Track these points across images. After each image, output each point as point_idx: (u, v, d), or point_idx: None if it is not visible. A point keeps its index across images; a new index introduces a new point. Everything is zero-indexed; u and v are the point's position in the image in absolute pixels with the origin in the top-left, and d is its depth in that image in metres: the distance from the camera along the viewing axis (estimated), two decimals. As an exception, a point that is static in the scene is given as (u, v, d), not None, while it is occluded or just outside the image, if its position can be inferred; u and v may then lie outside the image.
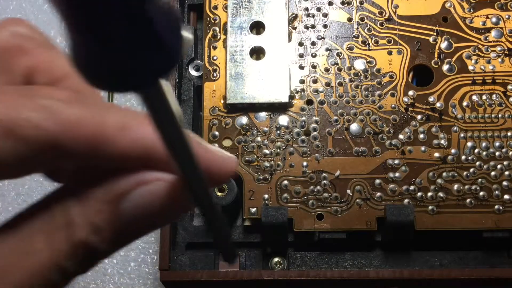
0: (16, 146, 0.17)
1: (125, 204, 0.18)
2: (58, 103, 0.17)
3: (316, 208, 0.31)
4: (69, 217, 0.18)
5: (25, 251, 0.18)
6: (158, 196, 0.18)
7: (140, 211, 0.18)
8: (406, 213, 0.30)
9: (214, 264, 0.31)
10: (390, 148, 0.32)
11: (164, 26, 0.13)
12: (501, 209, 0.31)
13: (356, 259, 0.31)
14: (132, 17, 0.13)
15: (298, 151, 0.32)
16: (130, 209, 0.18)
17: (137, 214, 0.18)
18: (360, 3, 0.35)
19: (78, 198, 0.18)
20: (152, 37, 0.13)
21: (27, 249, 0.18)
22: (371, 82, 0.33)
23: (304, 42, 0.34)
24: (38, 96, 0.17)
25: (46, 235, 0.18)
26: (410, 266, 0.31)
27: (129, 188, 0.18)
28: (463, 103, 0.33)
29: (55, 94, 0.18)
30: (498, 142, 0.32)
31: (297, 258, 0.31)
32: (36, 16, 0.42)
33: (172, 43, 0.14)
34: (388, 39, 0.34)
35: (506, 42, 0.34)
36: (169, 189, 0.18)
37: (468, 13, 0.35)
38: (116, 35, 0.13)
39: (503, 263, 0.31)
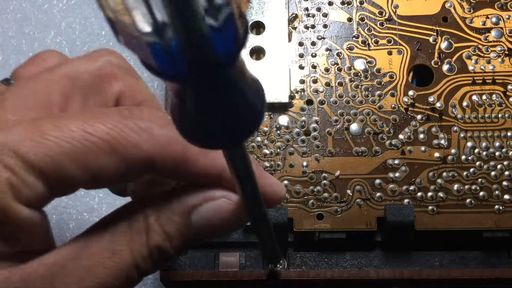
0: (117, 163, 0.19)
1: (194, 216, 0.21)
2: (153, 125, 0.20)
3: (316, 208, 0.31)
4: (148, 224, 0.20)
5: (110, 252, 0.20)
6: (223, 211, 0.21)
7: (206, 223, 0.21)
8: (406, 213, 0.30)
9: (214, 264, 0.31)
10: (390, 148, 0.32)
11: (254, 97, 0.16)
12: (501, 209, 0.31)
13: (356, 259, 0.31)
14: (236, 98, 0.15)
15: (298, 151, 0.32)
16: (198, 220, 0.21)
17: (203, 225, 0.21)
18: (360, 3, 0.35)
19: (156, 208, 0.21)
20: (249, 110, 0.16)
21: (112, 249, 0.20)
22: (371, 82, 0.33)
23: (304, 42, 0.34)
24: (137, 118, 0.20)
25: (128, 239, 0.20)
26: (410, 266, 0.31)
27: (199, 202, 0.21)
28: (463, 103, 0.33)
29: (152, 116, 0.20)
30: (498, 142, 0.32)
31: (297, 258, 0.31)
32: (36, 16, 0.42)
33: (260, 110, 0.16)
34: (388, 39, 0.34)
35: (506, 42, 0.34)
36: (232, 206, 0.21)
37: (468, 13, 0.35)
38: (222, 116, 0.16)
39: (503, 263, 0.31)
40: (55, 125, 0.19)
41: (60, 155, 0.19)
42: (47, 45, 0.42)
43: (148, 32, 0.13)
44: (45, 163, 0.18)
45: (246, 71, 0.16)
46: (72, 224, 0.37)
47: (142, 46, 0.13)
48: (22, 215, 0.19)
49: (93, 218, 0.38)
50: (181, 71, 0.13)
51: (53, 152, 0.19)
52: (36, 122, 0.19)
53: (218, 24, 0.13)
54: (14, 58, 0.42)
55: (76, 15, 0.42)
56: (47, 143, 0.19)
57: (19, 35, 0.42)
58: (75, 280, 0.19)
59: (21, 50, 0.42)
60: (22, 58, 0.42)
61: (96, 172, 0.19)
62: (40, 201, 0.19)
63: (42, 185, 0.19)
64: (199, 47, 0.13)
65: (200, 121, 0.16)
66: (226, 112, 0.16)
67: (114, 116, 0.20)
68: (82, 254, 0.20)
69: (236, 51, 0.14)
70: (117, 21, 0.13)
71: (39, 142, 0.18)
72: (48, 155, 0.18)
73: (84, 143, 0.19)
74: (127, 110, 0.20)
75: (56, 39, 0.42)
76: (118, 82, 0.23)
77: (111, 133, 0.19)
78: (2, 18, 0.42)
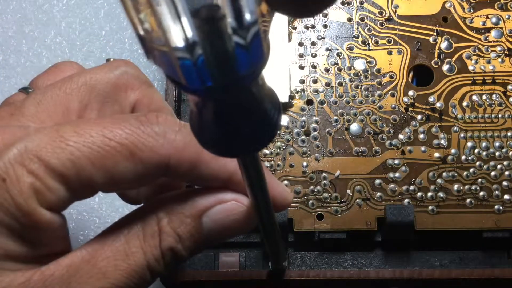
0: (135, 166, 0.20)
1: (205, 218, 0.22)
2: (169, 129, 0.21)
3: (316, 208, 0.31)
4: (160, 226, 0.21)
5: (124, 254, 0.20)
6: (233, 213, 0.22)
7: (217, 225, 0.22)
8: (406, 213, 0.30)
9: (214, 264, 0.31)
10: (390, 148, 0.32)
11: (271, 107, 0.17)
12: (501, 209, 0.31)
13: (356, 259, 0.31)
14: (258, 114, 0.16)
15: (298, 151, 0.32)
16: (209, 222, 0.22)
17: (214, 227, 0.22)
18: (360, 3, 0.35)
19: (168, 210, 0.21)
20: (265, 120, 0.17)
21: (126, 252, 0.21)
22: (371, 82, 0.33)
23: (304, 42, 0.34)
24: (153, 123, 0.21)
25: (141, 241, 0.21)
26: (410, 266, 0.31)
27: (209, 205, 0.22)
28: (463, 103, 0.33)
29: (167, 121, 0.21)
30: (498, 142, 0.32)
31: (297, 258, 0.31)
32: (36, 16, 0.42)
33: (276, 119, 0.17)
34: (388, 39, 0.34)
35: (506, 42, 0.34)
36: (242, 209, 0.22)
37: (468, 13, 0.35)
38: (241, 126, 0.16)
39: (503, 263, 0.31)
40: (76, 130, 0.20)
41: (81, 160, 0.19)
42: (47, 45, 0.42)
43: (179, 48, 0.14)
44: (66, 167, 0.19)
45: (264, 83, 0.16)
46: (72, 224, 0.37)
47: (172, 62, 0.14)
48: (45, 219, 0.19)
49: (93, 218, 0.38)
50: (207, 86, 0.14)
51: (74, 156, 0.19)
52: (57, 128, 0.20)
53: (245, 43, 0.14)
54: (14, 58, 0.42)
55: (76, 15, 0.42)
56: (69, 148, 0.19)
57: (19, 35, 0.42)
58: (90, 281, 0.20)
59: (21, 50, 0.42)
60: (22, 58, 0.42)
61: (115, 175, 0.20)
62: (62, 205, 0.20)
63: (64, 189, 0.19)
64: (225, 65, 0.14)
65: (219, 131, 0.17)
66: (244, 123, 0.16)
67: (131, 121, 0.20)
68: (97, 256, 0.20)
69: (260, 68, 0.15)
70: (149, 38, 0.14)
71: (61, 148, 0.19)
72: (70, 159, 0.19)
73: (104, 148, 0.20)
74: (143, 116, 0.21)
75: (56, 39, 0.42)
76: (134, 92, 0.24)
77: (129, 138, 0.20)
78: (2, 18, 0.42)
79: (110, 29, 0.42)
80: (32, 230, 0.19)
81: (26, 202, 0.19)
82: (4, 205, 0.19)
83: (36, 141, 0.19)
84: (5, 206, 0.19)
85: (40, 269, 0.20)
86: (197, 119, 0.17)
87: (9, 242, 0.19)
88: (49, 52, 0.42)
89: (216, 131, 0.17)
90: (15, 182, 0.19)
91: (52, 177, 0.19)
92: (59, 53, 0.42)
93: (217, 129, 0.17)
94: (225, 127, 0.17)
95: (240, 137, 0.17)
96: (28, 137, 0.19)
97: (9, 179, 0.19)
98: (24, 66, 0.41)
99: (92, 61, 0.41)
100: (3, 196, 0.19)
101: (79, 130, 0.20)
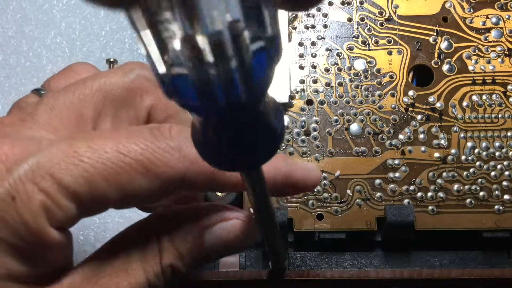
0: (150, 182, 0.20)
1: (207, 235, 0.21)
2: (183, 143, 0.20)
3: (316, 208, 0.31)
4: (161, 244, 0.21)
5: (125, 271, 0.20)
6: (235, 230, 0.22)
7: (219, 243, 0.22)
8: (406, 213, 0.30)
9: (214, 264, 0.31)
10: (390, 148, 0.32)
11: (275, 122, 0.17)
12: (501, 209, 0.31)
13: (356, 259, 0.31)
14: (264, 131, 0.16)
15: (298, 151, 0.32)
16: (211, 240, 0.21)
17: (217, 245, 0.22)
18: (360, 3, 0.35)
19: (169, 227, 0.21)
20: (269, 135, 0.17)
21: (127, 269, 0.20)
22: (371, 82, 0.33)
23: (304, 42, 0.34)
24: (167, 137, 0.20)
25: (142, 259, 0.21)
26: (410, 266, 0.31)
27: (212, 223, 0.21)
28: (463, 103, 0.33)
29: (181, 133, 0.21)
30: (498, 142, 0.32)
31: (297, 258, 0.31)
32: (36, 16, 0.42)
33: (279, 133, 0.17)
34: (388, 39, 0.34)
35: (506, 42, 0.34)
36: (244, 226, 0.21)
37: (468, 13, 0.35)
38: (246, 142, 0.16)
39: (503, 263, 0.31)
40: (90, 145, 0.19)
41: (94, 177, 0.19)
42: (47, 45, 0.42)
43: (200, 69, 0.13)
44: (79, 185, 0.19)
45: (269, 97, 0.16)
46: (72, 225, 0.37)
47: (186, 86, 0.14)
48: (53, 238, 0.19)
49: (93, 218, 0.38)
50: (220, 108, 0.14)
51: (87, 173, 0.19)
52: (71, 142, 0.19)
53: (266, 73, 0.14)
54: (14, 58, 0.42)
55: (76, 15, 0.42)
56: (82, 164, 0.19)
57: (19, 35, 0.42)
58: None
59: (21, 50, 0.42)
60: (22, 58, 0.42)
61: (129, 192, 0.19)
62: (71, 222, 0.19)
63: (75, 207, 0.19)
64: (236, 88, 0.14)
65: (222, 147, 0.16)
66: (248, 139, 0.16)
67: (146, 136, 0.20)
68: (99, 275, 0.20)
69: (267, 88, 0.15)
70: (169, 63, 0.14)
71: (74, 164, 0.19)
72: (83, 177, 0.19)
73: (118, 164, 0.19)
74: (157, 129, 0.20)
75: (56, 39, 0.42)
76: (149, 96, 0.24)
77: (144, 154, 0.19)
78: (2, 18, 0.42)
79: (110, 29, 0.41)
80: (38, 250, 0.19)
81: (35, 221, 0.18)
82: (11, 224, 0.18)
83: (48, 156, 0.19)
84: (12, 225, 0.18)
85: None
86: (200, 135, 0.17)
87: (12, 261, 0.19)
88: (49, 52, 0.42)
89: (220, 147, 0.17)
90: (25, 201, 0.18)
91: (64, 196, 0.18)
92: (59, 53, 0.42)
93: (221, 145, 0.16)
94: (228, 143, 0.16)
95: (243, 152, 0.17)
96: (41, 152, 0.19)
97: (19, 197, 0.18)
98: (24, 66, 0.41)
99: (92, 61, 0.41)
100: (11, 215, 0.18)
101: (93, 145, 0.19)
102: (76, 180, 0.18)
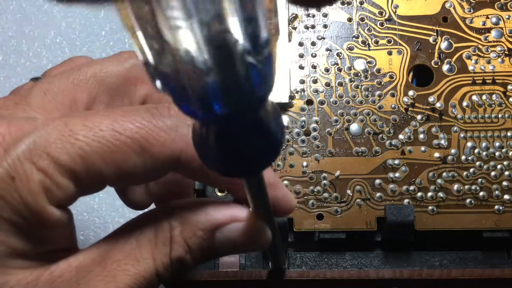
0: (146, 161, 0.20)
1: (218, 234, 0.21)
2: (182, 123, 0.20)
3: (316, 208, 0.31)
4: (172, 235, 0.21)
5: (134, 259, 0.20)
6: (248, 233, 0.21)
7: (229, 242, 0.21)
8: (406, 213, 0.30)
9: (214, 264, 0.31)
10: (390, 148, 0.32)
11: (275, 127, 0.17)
12: (501, 209, 0.31)
13: (356, 259, 0.31)
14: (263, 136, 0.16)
15: (298, 151, 0.32)
16: (222, 238, 0.21)
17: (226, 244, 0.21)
18: (360, 3, 0.35)
19: (181, 219, 0.21)
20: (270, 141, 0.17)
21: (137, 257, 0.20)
22: (371, 82, 0.33)
23: (304, 42, 0.34)
24: (165, 116, 0.20)
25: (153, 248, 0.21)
26: (410, 266, 0.31)
27: (224, 221, 0.21)
28: (463, 103, 0.33)
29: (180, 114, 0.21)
30: (498, 142, 0.32)
31: (297, 258, 0.31)
32: (36, 16, 0.42)
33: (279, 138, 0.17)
34: (388, 39, 0.34)
35: (506, 42, 0.34)
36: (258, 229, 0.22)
37: (468, 13, 0.35)
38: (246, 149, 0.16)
39: (503, 263, 0.31)
40: (85, 124, 0.19)
41: (90, 155, 0.19)
42: (47, 45, 0.42)
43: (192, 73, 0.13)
44: (76, 163, 0.19)
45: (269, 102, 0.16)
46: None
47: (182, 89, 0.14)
48: (53, 217, 0.19)
49: (93, 218, 0.38)
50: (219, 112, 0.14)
51: (83, 152, 0.19)
52: (66, 120, 0.19)
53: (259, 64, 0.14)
54: (14, 58, 0.42)
55: (76, 15, 0.42)
56: (78, 143, 0.19)
57: (19, 35, 0.42)
58: (100, 284, 0.20)
59: (21, 50, 0.42)
60: (22, 58, 0.42)
61: (125, 170, 0.19)
62: (70, 200, 0.19)
63: (73, 185, 0.19)
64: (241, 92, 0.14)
65: (223, 153, 0.16)
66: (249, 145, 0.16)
67: (142, 114, 0.20)
68: (108, 259, 0.20)
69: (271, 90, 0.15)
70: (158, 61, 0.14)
71: (70, 142, 0.19)
72: (79, 155, 0.19)
73: (114, 143, 0.19)
74: (154, 108, 0.20)
75: (56, 39, 0.42)
76: (144, 86, 0.24)
77: (140, 132, 0.19)
78: (2, 18, 0.42)
79: (110, 29, 0.41)
80: (39, 228, 0.19)
81: (35, 200, 0.18)
82: (12, 204, 0.18)
83: (44, 135, 0.19)
84: (13, 204, 0.18)
85: (49, 269, 0.20)
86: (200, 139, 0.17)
87: (15, 240, 0.19)
88: (49, 52, 0.42)
89: (220, 153, 0.16)
90: (24, 180, 0.18)
91: (62, 174, 0.19)
92: (59, 53, 0.42)
93: (221, 151, 0.16)
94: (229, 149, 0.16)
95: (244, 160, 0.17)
96: (36, 131, 0.19)
97: (18, 177, 0.18)
98: (24, 66, 0.42)
99: (92, 61, 0.41)
100: (12, 195, 0.18)
101: (89, 124, 0.19)
102: (72, 159, 0.19)
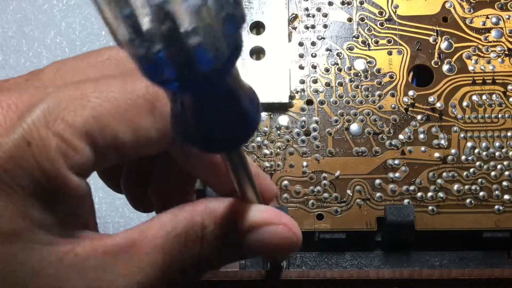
0: (158, 122, 0.19)
1: (250, 236, 0.21)
2: None
3: (316, 208, 0.31)
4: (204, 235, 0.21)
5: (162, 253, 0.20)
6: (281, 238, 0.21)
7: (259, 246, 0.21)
8: (406, 213, 0.30)
9: (214, 264, 0.31)
10: (390, 148, 0.32)
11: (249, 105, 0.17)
12: (501, 209, 0.31)
13: (356, 259, 0.31)
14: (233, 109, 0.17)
15: (298, 151, 0.32)
16: (253, 242, 0.21)
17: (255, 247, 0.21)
18: (360, 3, 0.35)
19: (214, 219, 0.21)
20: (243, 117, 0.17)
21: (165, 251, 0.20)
22: (371, 82, 0.33)
23: (304, 42, 0.34)
24: None
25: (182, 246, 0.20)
26: (410, 266, 0.31)
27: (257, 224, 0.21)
28: (463, 103, 0.33)
29: None
30: (498, 142, 0.32)
31: (297, 258, 0.31)
32: (36, 16, 0.42)
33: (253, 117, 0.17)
34: (388, 39, 0.34)
35: (506, 42, 0.34)
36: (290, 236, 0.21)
37: (468, 13, 0.35)
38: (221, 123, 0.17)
39: (503, 263, 0.31)
40: (96, 86, 0.19)
41: (103, 116, 0.18)
42: (47, 45, 0.42)
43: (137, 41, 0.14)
44: (90, 125, 0.18)
45: (241, 81, 0.17)
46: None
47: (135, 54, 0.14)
48: (73, 184, 0.18)
49: (93, 218, 0.37)
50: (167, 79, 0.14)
51: (97, 112, 0.18)
52: (76, 85, 0.19)
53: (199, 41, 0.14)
54: (14, 58, 0.42)
55: (76, 15, 0.42)
56: (90, 104, 0.18)
57: (19, 35, 0.42)
58: (125, 272, 0.19)
59: (21, 50, 0.42)
60: (22, 58, 0.42)
61: (138, 131, 0.19)
62: (88, 168, 0.19)
63: (90, 150, 0.19)
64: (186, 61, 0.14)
65: (196, 128, 0.17)
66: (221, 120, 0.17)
67: None
68: (136, 249, 0.20)
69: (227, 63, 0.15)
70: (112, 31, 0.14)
71: (82, 105, 0.18)
72: (93, 116, 0.18)
73: (125, 102, 0.19)
74: None
75: (56, 39, 0.42)
76: None
77: (149, 91, 0.19)
78: (2, 18, 0.42)
79: (110, 29, 0.41)
80: (59, 197, 0.18)
81: (53, 166, 0.18)
82: (30, 171, 0.17)
83: (57, 101, 0.18)
84: (31, 172, 0.18)
85: (74, 250, 0.19)
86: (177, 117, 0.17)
87: (36, 211, 0.18)
88: (49, 52, 0.42)
89: (193, 128, 0.17)
90: (41, 146, 0.18)
91: (78, 137, 0.18)
92: (59, 53, 0.42)
93: (195, 126, 0.17)
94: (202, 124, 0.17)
95: (218, 134, 0.17)
96: (49, 97, 0.18)
97: (34, 142, 0.17)
98: (24, 66, 0.42)
99: (92, 61, 0.41)
100: (29, 162, 0.17)
101: (100, 86, 0.19)
102: (86, 120, 0.18)
